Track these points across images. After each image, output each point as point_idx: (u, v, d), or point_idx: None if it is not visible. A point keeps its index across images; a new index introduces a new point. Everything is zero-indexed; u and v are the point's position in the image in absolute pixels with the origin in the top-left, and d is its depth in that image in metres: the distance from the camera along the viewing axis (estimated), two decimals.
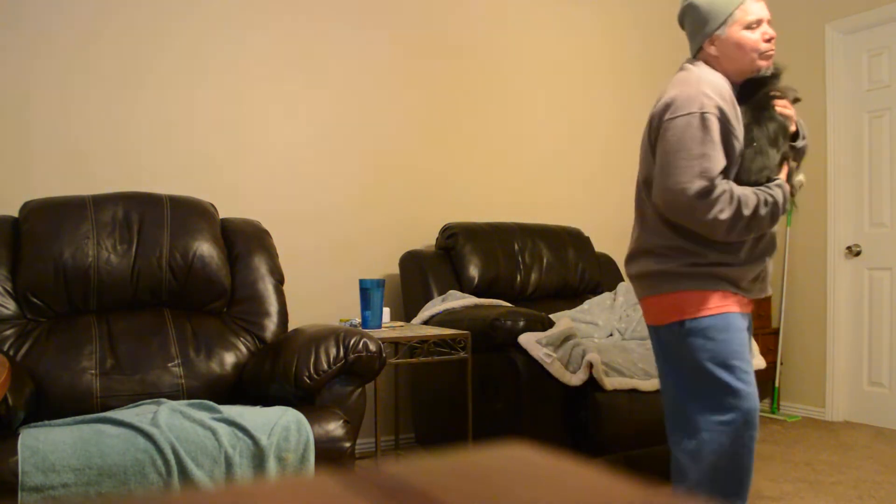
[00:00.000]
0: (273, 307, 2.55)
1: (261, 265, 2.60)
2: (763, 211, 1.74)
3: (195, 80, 3.05)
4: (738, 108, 1.80)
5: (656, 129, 1.80)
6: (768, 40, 1.81)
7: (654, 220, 1.85)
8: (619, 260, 4.15)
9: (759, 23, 1.80)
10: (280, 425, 1.90)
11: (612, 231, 4.13)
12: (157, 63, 2.99)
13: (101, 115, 2.89)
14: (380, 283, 2.67)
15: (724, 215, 1.71)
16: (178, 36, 3.02)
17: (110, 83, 2.90)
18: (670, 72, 4.39)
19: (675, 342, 1.84)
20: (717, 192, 1.70)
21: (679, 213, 1.75)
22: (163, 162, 2.99)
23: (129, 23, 2.94)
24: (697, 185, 1.70)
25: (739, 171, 1.78)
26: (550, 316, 3.16)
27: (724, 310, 1.80)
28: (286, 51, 3.24)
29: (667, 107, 1.77)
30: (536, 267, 3.44)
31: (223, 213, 3.08)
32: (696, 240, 1.80)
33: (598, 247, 4.08)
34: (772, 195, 1.76)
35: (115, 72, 2.91)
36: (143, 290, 2.41)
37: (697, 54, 1.89)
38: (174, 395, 2.24)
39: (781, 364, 4.27)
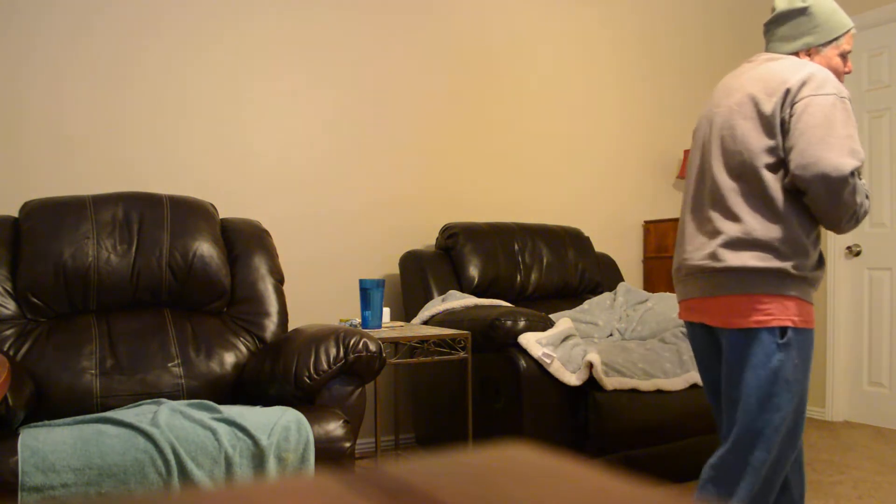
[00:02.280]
0: (273, 307, 2.55)
1: (261, 265, 2.60)
2: (867, 205, 1.74)
3: (195, 79, 3.06)
4: None
5: (791, 107, 1.71)
6: (846, 73, 1.89)
7: (769, 201, 1.72)
8: (619, 260, 4.15)
9: (848, 54, 1.87)
10: (280, 425, 1.90)
11: (612, 231, 4.13)
12: (157, 62, 2.99)
13: (100, 115, 2.89)
14: (380, 283, 2.67)
15: (860, 199, 1.69)
16: (178, 34, 3.02)
17: (109, 82, 2.90)
18: (673, 72, 4.42)
19: (766, 350, 1.72)
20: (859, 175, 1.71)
21: (827, 190, 1.65)
22: (162, 162, 2.99)
23: (128, 21, 2.94)
24: (852, 163, 1.65)
25: None
26: (550, 316, 3.17)
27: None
28: (287, 50, 3.24)
29: (803, 83, 1.70)
30: (536, 267, 3.44)
31: (223, 213, 3.08)
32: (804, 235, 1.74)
33: (598, 247, 4.09)
34: (865, 190, 1.76)
35: (115, 71, 2.91)
36: (143, 290, 2.41)
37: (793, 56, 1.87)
38: (174, 395, 2.24)
39: None
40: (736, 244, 1.73)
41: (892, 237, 3.92)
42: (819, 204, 1.68)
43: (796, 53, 1.86)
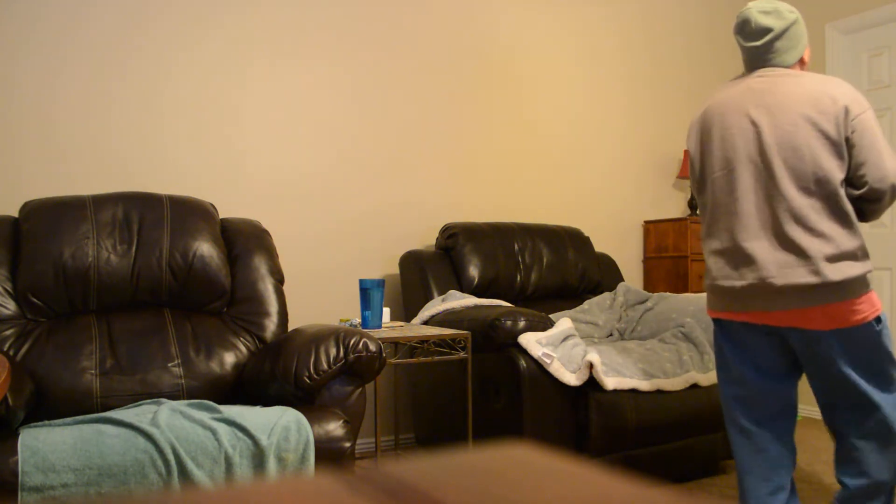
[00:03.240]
0: (273, 307, 2.55)
1: (261, 265, 2.60)
2: None
3: (195, 79, 3.06)
4: None
5: (850, 123, 1.89)
6: None
7: (844, 214, 1.89)
8: (619, 260, 4.16)
9: None
10: (280, 425, 1.90)
11: (612, 231, 4.13)
12: (157, 63, 2.99)
13: (99, 116, 2.89)
14: (380, 283, 2.67)
15: None
16: (177, 33, 3.02)
17: (108, 83, 2.90)
18: (675, 72, 4.41)
19: (872, 337, 1.92)
20: None
21: (892, 196, 1.90)
22: (162, 163, 2.99)
23: (125, 20, 2.94)
24: None
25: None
26: (550, 316, 3.17)
27: None
28: (288, 53, 3.24)
29: (853, 101, 1.90)
30: (536, 267, 3.44)
31: (223, 213, 3.08)
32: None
33: (598, 247, 4.09)
34: None
35: (113, 72, 2.91)
36: (143, 291, 2.41)
37: (795, 63, 2.07)
38: (174, 395, 2.24)
39: None
40: (830, 259, 1.88)
41: (892, 237, 3.92)
42: (881, 208, 1.92)
43: (800, 58, 2.05)
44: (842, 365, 1.92)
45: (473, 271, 3.26)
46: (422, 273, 3.24)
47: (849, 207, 1.88)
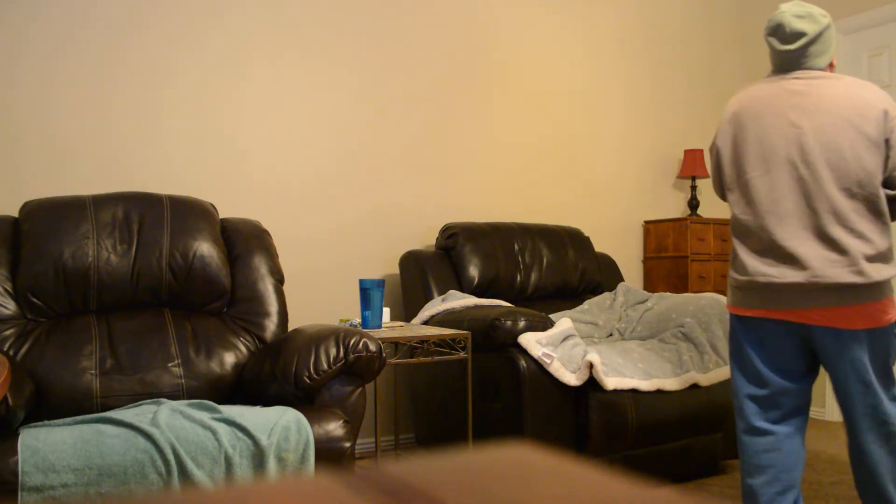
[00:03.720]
0: (273, 307, 2.55)
1: (261, 265, 2.60)
2: None
3: (195, 79, 3.06)
4: None
5: (889, 125, 1.94)
6: None
7: (881, 216, 1.93)
8: (619, 260, 4.16)
9: None
10: (280, 425, 1.90)
11: (612, 231, 4.13)
12: (158, 62, 2.99)
13: (100, 115, 2.89)
14: (380, 283, 2.67)
15: None
16: (177, 33, 3.02)
17: (108, 82, 2.90)
18: (676, 72, 4.41)
19: (890, 339, 1.98)
20: None
21: None
22: (162, 164, 2.99)
23: (127, 19, 2.94)
24: None
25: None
26: (550, 316, 3.17)
27: None
28: (288, 52, 3.24)
29: (891, 105, 1.95)
30: (536, 267, 3.44)
31: (223, 213, 3.08)
32: None
33: (598, 247, 4.09)
34: None
35: (108, 72, 2.91)
36: (143, 291, 2.41)
37: (826, 66, 2.10)
38: (174, 395, 2.24)
39: None
40: (870, 259, 1.93)
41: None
42: None
43: (831, 61, 2.08)
44: (867, 364, 1.96)
45: (473, 271, 3.26)
46: (422, 273, 3.24)
47: (884, 208, 1.92)
